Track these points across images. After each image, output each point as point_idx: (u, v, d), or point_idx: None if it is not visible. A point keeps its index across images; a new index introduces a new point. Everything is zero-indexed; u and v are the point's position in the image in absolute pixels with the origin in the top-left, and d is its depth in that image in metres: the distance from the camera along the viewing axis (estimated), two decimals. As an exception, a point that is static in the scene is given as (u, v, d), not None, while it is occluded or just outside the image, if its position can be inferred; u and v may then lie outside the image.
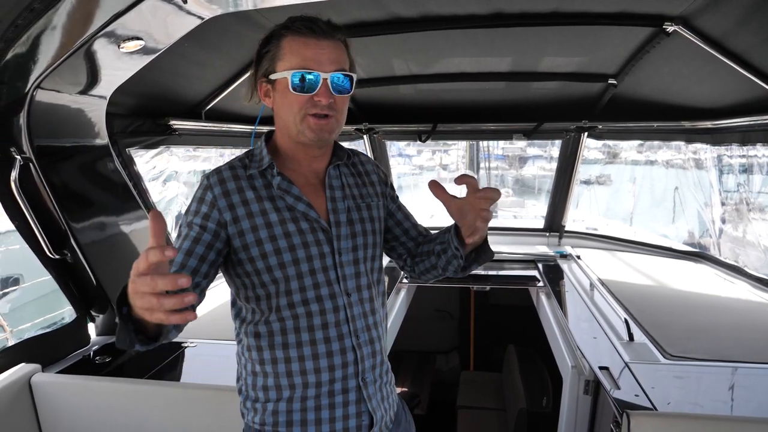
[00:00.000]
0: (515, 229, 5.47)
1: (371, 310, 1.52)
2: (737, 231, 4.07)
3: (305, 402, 1.44)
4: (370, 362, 1.50)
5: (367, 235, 1.54)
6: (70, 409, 2.23)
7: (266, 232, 1.39)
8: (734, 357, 2.39)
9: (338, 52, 1.41)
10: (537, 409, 3.50)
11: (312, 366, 1.43)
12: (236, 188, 1.41)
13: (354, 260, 1.49)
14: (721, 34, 2.57)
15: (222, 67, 3.11)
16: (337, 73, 1.38)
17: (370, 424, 1.50)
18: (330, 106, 1.38)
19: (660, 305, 3.15)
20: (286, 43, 1.40)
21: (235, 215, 1.39)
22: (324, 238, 1.45)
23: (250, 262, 1.40)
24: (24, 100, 2.05)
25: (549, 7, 2.57)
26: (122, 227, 2.81)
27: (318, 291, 1.43)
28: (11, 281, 6.32)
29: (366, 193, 1.60)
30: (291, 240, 1.40)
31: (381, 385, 1.54)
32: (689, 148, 4.47)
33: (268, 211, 1.41)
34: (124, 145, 2.91)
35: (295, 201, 1.44)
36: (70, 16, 1.71)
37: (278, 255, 1.39)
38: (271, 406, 1.46)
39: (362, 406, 1.48)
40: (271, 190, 1.43)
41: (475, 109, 4.12)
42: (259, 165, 1.46)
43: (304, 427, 1.44)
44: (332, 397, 1.45)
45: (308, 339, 1.42)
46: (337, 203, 1.50)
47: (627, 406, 1.93)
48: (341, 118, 1.45)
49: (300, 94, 1.37)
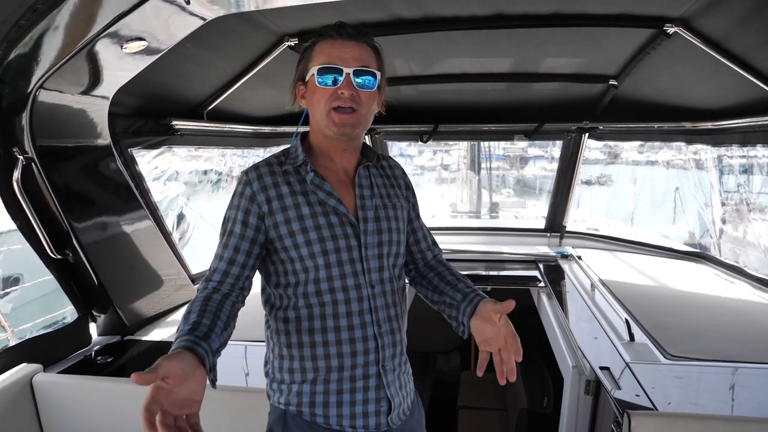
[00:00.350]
0: (516, 230, 5.48)
1: (393, 302, 1.60)
2: (737, 231, 4.07)
3: (328, 385, 1.52)
4: (391, 351, 1.57)
5: (392, 232, 1.62)
6: (72, 409, 2.24)
7: (299, 224, 1.48)
8: (735, 357, 2.40)
9: (363, 51, 1.50)
10: (538, 409, 3.51)
11: (335, 351, 1.50)
12: (273, 183, 1.50)
13: (378, 255, 1.57)
14: (722, 35, 2.58)
15: (224, 67, 3.12)
16: (361, 69, 1.48)
17: (388, 409, 1.56)
18: (353, 99, 1.47)
19: (660, 305, 3.15)
20: (317, 47, 1.52)
21: (271, 208, 1.49)
22: (352, 232, 1.53)
23: (284, 251, 1.50)
24: (27, 101, 2.06)
25: (550, 8, 2.57)
26: (124, 227, 2.82)
27: (344, 281, 1.51)
28: (11, 281, 6.32)
29: (393, 194, 1.68)
30: (321, 232, 1.49)
31: (399, 374, 1.62)
32: (690, 148, 4.47)
33: (301, 205, 1.50)
34: (126, 145, 2.92)
35: (327, 196, 1.52)
36: (72, 16, 1.72)
37: (309, 246, 1.48)
38: (296, 387, 1.54)
39: (381, 392, 1.55)
40: (304, 186, 1.52)
41: (476, 109, 4.13)
42: (294, 162, 1.55)
43: (326, 409, 1.52)
44: (353, 382, 1.52)
45: (333, 326, 1.50)
46: (365, 201, 1.58)
47: (628, 406, 1.93)
48: (365, 114, 1.53)
49: (324, 88, 1.47)
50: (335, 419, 1.52)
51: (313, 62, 1.50)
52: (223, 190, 4.90)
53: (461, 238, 5.22)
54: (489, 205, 10.33)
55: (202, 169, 4.56)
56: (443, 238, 5.28)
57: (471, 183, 10.42)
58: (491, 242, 5.02)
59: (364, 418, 1.54)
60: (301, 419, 1.54)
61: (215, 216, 5.00)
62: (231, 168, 4.86)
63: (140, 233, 2.92)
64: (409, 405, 1.68)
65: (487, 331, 1.53)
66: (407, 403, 1.66)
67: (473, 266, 4.28)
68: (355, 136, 1.57)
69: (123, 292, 2.74)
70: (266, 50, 3.00)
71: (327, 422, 1.53)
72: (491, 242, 5.02)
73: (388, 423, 1.57)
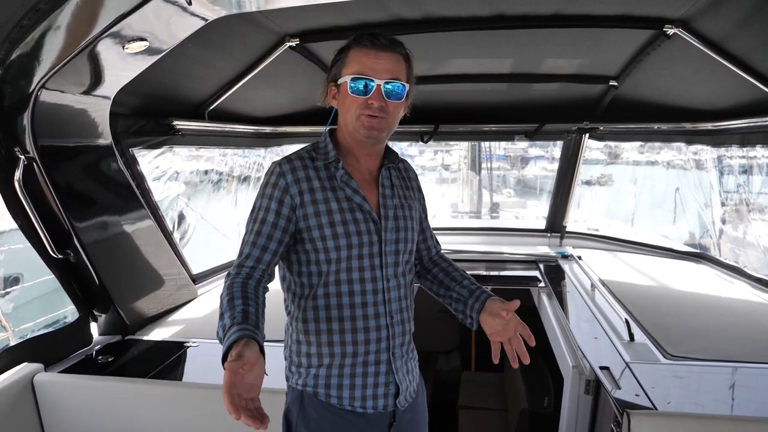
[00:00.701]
0: (517, 230, 5.48)
1: (404, 295, 1.73)
2: (737, 232, 4.08)
3: (342, 369, 1.63)
4: (400, 340, 1.70)
5: (407, 231, 1.73)
6: (73, 408, 2.24)
7: (327, 218, 1.59)
8: (734, 357, 2.40)
9: (394, 63, 1.59)
10: (538, 409, 3.51)
11: (351, 338, 1.62)
12: (305, 177, 1.60)
13: (395, 251, 1.68)
14: (721, 36, 2.59)
15: (225, 67, 3.12)
16: (391, 81, 1.57)
17: (395, 392, 1.69)
18: (381, 109, 1.57)
19: (660, 305, 3.16)
20: (351, 53, 1.60)
21: (303, 200, 1.58)
22: (374, 228, 1.64)
23: (311, 242, 1.60)
24: (28, 100, 2.07)
25: (550, 9, 2.58)
26: (125, 227, 2.82)
27: (363, 274, 1.62)
28: (11, 280, 6.31)
29: (409, 195, 1.80)
30: (347, 227, 1.60)
31: (407, 360, 1.74)
32: (689, 149, 4.47)
33: (330, 200, 1.60)
34: (127, 145, 2.92)
35: (353, 193, 1.63)
36: (74, 17, 1.72)
37: (336, 239, 1.58)
38: (313, 371, 1.65)
39: (390, 377, 1.67)
40: (333, 182, 1.63)
41: (476, 110, 4.14)
42: (324, 158, 1.65)
43: (340, 390, 1.64)
44: (366, 367, 1.64)
45: (350, 315, 1.61)
46: (387, 200, 1.70)
47: (627, 405, 1.94)
48: (392, 121, 1.63)
49: (356, 97, 1.57)
50: (348, 400, 1.64)
51: (347, 69, 1.59)
52: (224, 190, 4.90)
53: (462, 238, 5.23)
54: (490, 205, 10.34)
55: (203, 169, 4.56)
56: (444, 238, 5.25)
57: (472, 183, 10.42)
58: (492, 242, 5.02)
59: (374, 400, 1.65)
60: (317, 399, 1.65)
61: (216, 216, 5.02)
62: (231, 168, 4.86)
63: (141, 233, 2.93)
64: (415, 388, 1.80)
65: (495, 325, 1.68)
66: (413, 387, 1.78)
67: (474, 266, 4.28)
68: (381, 140, 1.67)
69: (124, 292, 2.75)
70: (267, 50, 3.01)
71: (340, 403, 1.64)
72: (492, 242, 5.02)
73: (396, 404, 1.69)
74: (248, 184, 4.98)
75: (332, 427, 1.64)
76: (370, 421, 1.66)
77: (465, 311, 1.77)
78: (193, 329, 2.88)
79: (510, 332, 1.66)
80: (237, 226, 5.00)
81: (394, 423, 1.71)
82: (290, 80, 3.58)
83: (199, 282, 3.65)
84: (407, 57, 1.65)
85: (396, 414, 1.71)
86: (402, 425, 1.73)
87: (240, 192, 4.98)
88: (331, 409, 1.64)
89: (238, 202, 4.99)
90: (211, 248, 4.76)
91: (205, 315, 3.10)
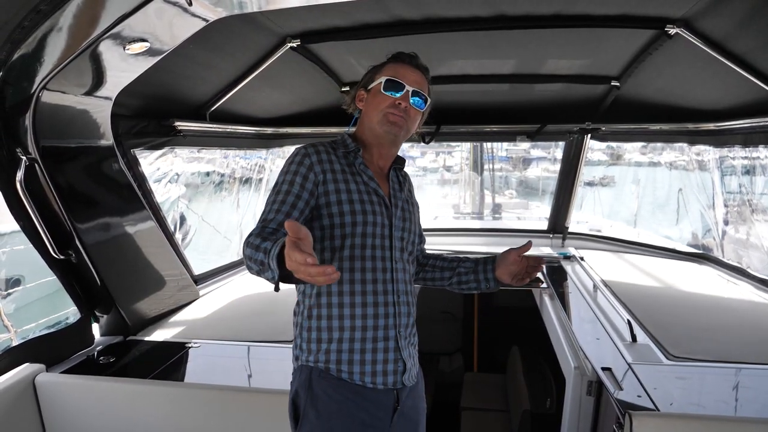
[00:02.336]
0: (519, 231, 5.48)
1: (408, 281, 1.85)
2: (740, 232, 4.07)
3: (353, 344, 1.70)
4: (404, 320, 1.79)
5: (412, 224, 1.92)
6: (74, 409, 2.24)
7: (347, 195, 1.73)
8: (737, 358, 2.39)
9: (422, 79, 1.85)
10: (541, 410, 3.50)
11: (360, 312, 1.71)
12: (327, 159, 1.75)
13: (401, 237, 1.83)
14: (723, 36, 2.58)
15: (227, 69, 3.13)
16: (418, 92, 1.81)
17: (403, 370, 1.77)
18: (406, 111, 1.79)
19: (663, 306, 3.15)
20: (388, 65, 1.85)
21: (326, 178, 1.72)
22: (386, 212, 1.80)
23: (329, 217, 1.71)
24: (30, 101, 2.07)
25: (551, 9, 2.58)
26: (127, 228, 2.82)
27: (374, 251, 1.74)
28: (12, 282, 6.32)
29: (411, 201, 1.99)
30: (364, 206, 1.74)
31: (409, 344, 1.82)
32: (692, 149, 4.47)
33: (349, 182, 1.75)
34: (129, 146, 2.93)
35: (369, 180, 1.80)
36: (75, 18, 1.73)
37: (353, 215, 1.71)
38: (324, 346, 1.71)
39: (398, 353, 1.76)
40: (353, 168, 1.79)
41: (478, 110, 4.13)
42: (345, 149, 1.82)
43: (351, 366, 1.70)
44: (375, 343, 1.72)
45: (360, 290, 1.71)
46: (396, 193, 1.87)
47: (629, 406, 1.93)
48: (411, 126, 1.84)
49: (387, 95, 1.78)
50: (358, 375, 1.70)
51: (382, 74, 1.81)
52: (226, 191, 4.91)
53: (464, 239, 5.23)
54: (492, 206, 10.33)
55: (205, 170, 4.57)
56: (445, 239, 5.29)
57: (473, 184, 10.41)
58: (494, 243, 5.02)
59: (384, 376, 1.73)
60: (327, 376, 1.70)
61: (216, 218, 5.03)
62: (233, 170, 4.87)
63: (143, 234, 2.93)
64: (416, 374, 1.88)
65: (513, 270, 1.91)
66: (416, 370, 1.87)
67: None
68: (398, 139, 1.85)
69: (126, 293, 2.75)
70: (269, 51, 3.01)
71: (351, 378, 1.70)
72: (494, 243, 5.02)
73: (403, 382, 1.77)
74: (249, 186, 4.99)
75: (339, 408, 1.68)
76: (379, 397, 1.73)
77: (479, 278, 1.98)
78: (195, 330, 2.88)
79: (525, 266, 1.90)
80: (239, 228, 5.02)
81: (398, 408, 1.77)
82: (292, 81, 3.58)
83: (201, 283, 3.65)
84: (429, 80, 1.89)
85: (399, 398, 1.78)
86: (404, 411, 1.81)
87: (242, 193, 5.00)
88: (341, 384, 1.70)
89: (240, 204, 5.01)
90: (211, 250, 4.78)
91: (207, 316, 3.11)
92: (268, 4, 2.16)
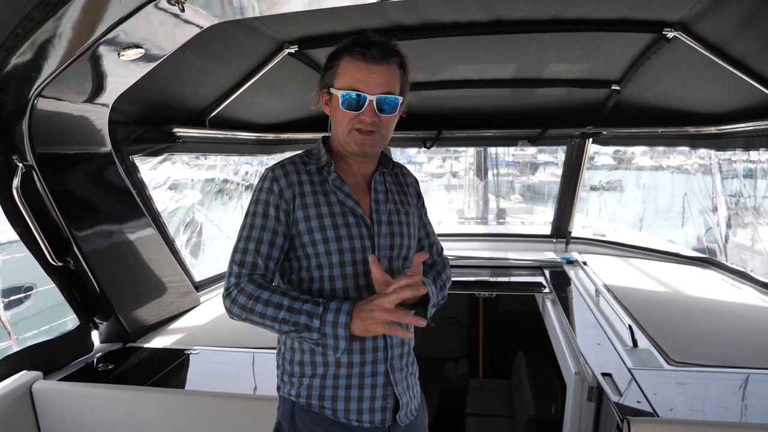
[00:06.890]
0: (522, 236, 5.45)
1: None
2: (744, 236, 4.04)
3: (337, 380, 1.57)
4: (399, 351, 1.63)
5: (403, 236, 1.68)
6: (72, 416, 2.24)
7: (318, 222, 1.56)
8: (738, 363, 2.37)
9: (387, 75, 1.55)
10: (545, 416, 3.47)
11: None
12: (297, 181, 1.58)
13: (389, 257, 1.63)
14: (721, 39, 2.57)
15: (225, 75, 3.13)
16: (384, 96, 1.53)
17: (394, 407, 1.62)
18: (374, 124, 1.55)
19: (665, 311, 3.13)
20: (343, 63, 1.56)
21: (295, 205, 1.56)
22: (367, 233, 1.60)
23: (302, 247, 1.57)
24: (25, 108, 2.08)
25: (548, 13, 2.57)
26: (125, 234, 2.82)
27: (357, 280, 1.57)
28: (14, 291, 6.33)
29: (405, 201, 1.76)
30: (339, 231, 1.56)
31: (407, 375, 1.67)
32: (695, 153, 4.44)
33: (321, 204, 1.57)
34: (127, 153, 2.93)
35: (345, 197, 1.60)
36: (68, 25, 1.73)
37: (326, 243, 1.55)
38: (306, 381, 1.59)
39: (389, 389, 1.60)
40: (325, 186, 1.61)
41: (479, 115, 4.13)
42: (317, 162, 1.63)
43: (335, 402, 1.57)
44: (362, 378, 1.57)
45: None
46: (380, 205, 1.66)
47: (629, 412, 1.92)
48: (386, 134, 1.61)
49: (348, 112, 1.54)
50: (343, 413, 1.57)
51: (338, 81, 1.56)
52: (227, 196, 4.92)
53: (467, 245, 5.21)
54: (496, 211, 10.30)
55: (204, 177, 4.59)
56: (449, 244, 5.27)
57: (478, 189, 10.39)
58: (497, 248, 5.00)
59: (371, 414, 1.58)
60: (310, 411, 1.59)
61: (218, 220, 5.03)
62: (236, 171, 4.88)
63: (142, 240, 2.93)
64: (416, 406, 1.73)
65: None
66: (414, 404, 1.71)
67: (479, 272, 4.26)
68: (373, 151, 1.64)
69: (125, 299, 2.75)
70: (266, 57, 3.02)
71: (335, 415, 1.57)
72: (497, 248, 5.00)
73: (396, 419, 1.62)
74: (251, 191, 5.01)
75: None
76: None
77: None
78: (195, 337, 2.87)
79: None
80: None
81: None
82: (291, 87, 3.58)
83: (201, 289, 3.65)
84: (402, 63, 1.59)
85: (392, 430, 1.63)
86: None
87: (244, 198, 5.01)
88: (324, 422, 1.57)
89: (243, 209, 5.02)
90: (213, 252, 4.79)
91: (207, 322, 3.10)
92: (263, 10, 2.16)
